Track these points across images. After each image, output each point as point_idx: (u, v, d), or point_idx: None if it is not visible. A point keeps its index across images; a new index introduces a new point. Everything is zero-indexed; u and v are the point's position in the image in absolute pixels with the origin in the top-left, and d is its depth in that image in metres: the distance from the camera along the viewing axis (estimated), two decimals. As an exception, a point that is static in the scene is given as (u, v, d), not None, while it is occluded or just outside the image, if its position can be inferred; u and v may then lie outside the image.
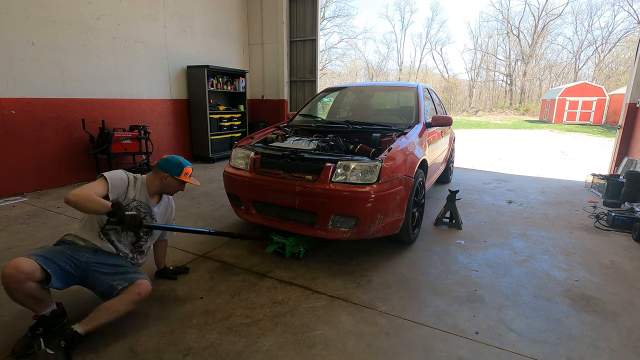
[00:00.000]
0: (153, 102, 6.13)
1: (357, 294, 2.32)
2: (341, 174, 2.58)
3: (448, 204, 3.58)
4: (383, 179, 2.54)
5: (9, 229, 3.34)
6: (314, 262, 2.75)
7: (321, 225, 2.61)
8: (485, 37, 37.78)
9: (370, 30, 57.55)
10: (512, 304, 2.24)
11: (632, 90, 5.31)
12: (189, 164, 2.19)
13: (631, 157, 5.27)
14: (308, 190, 2.58)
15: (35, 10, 4.40)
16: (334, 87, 4.69)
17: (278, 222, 2.83)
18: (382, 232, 2.69)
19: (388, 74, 39.14)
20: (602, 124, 21.44)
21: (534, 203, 4.52)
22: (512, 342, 1.88)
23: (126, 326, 1.92)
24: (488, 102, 36.33)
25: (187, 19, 6.56)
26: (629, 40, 28.37)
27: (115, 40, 5.38)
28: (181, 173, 2.12)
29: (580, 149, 10.66)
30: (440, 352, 1.80)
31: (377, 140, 3.09)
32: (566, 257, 2.96)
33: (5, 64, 4.20)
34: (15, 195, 4.41)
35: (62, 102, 4.79)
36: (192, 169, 2.19)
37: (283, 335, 1.91)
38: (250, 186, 2.89)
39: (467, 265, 2.77)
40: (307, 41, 7.80)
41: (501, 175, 6.34)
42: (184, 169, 2.14)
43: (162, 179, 2.11)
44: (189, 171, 2.17)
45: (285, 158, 2.77)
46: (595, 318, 2.11)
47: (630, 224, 3.51)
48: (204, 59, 6.93)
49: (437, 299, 2.27)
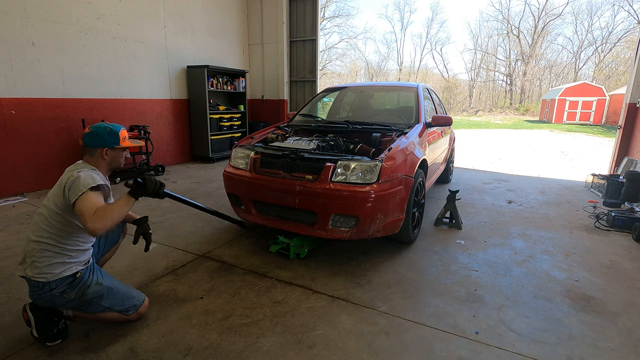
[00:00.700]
0: (153, 102, 6.13)
1: (357, 294, 2.32)
2: (341, 173, 2.58)
3: (448, 204, 3.57)
4: (383, 179, 2.54)
5: (9, 229, 3.34)
6: (314, 262, 2.75)
7: (321, 225, 2.61)
8: (485, 37, 37.84)
9: (370, 30, 57.63)
10: (512, 304, 2.24)
11: (632, 90, 5.30)
12: (120, 126, 1.90)
13: (631, 157, 5.26)
14: (308, 190, 2.57)
15: (35, 10, 4.40)
16: (334, 87, 4.70)
17: (278, 222, 2.83)
18: (382, 232, 2.69)
19: (388, 74, 39.16)
20: (602, 124, 21.44)
21: (534, 203, 4.52)
22: (512, 342, 1.88)
23: (126, 326, 1.92)
24: (488, 102, 36.33)
25: (187, 18, 6.56)
26: (629, 40, 28.37)
27: (115, 40, 5.38)
28: (119, 140, 1.84)
29: (580, 149, 10.66)
30: (440, 352, 1.80)
31: (377, 140, 3.09)
32: (566, 257, 2.96)
33: (5, 64, 4.20)
34: (15, 195, 4.41)
35: (62, 102, 4.79)
36: (126, 130, 1.93)
37: (283, 335, 1.91)
38: (250, 186, 2.89)
39: (467, 265, 2.77)
40: (307, 41, 7.80)
41: (501, 175, 6.34)
42: (119, 133, 1.85)
43: (103, 156, 1.81)
44: (125, 134, 1.89)
45: (285, 158, 2.77)
46: (595, 318, 2.11)
47: (630, 224, 3.51)
48: (204, 59, 6.93)
49: (437, 299, 2.27)
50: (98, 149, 1.80)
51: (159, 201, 4.28)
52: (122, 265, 2.64)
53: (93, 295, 1.77)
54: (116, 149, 1.85)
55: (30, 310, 1.75)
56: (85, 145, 1.81)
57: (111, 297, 1.83)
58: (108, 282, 1.85)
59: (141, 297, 1.99)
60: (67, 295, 1.72)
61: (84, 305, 1.78)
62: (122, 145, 1.86)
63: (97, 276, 1.82)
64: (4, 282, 2.37)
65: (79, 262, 1.77)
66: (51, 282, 1.68)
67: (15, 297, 2.19)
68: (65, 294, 1.72)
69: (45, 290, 1.69)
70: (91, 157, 1.81)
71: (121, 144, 1.85)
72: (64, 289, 1.71)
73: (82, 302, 1.76)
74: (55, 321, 1.79)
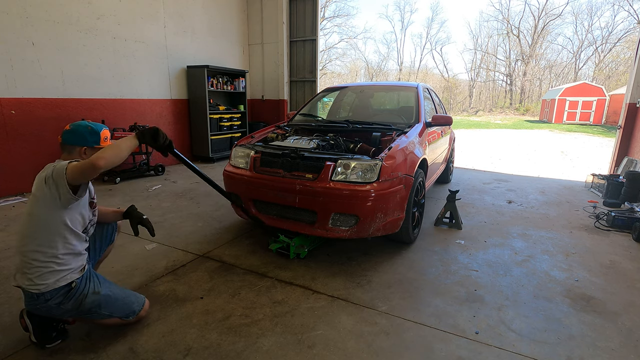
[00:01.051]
0: (153, 102, 6.13)
1: (357, 294, 2.32)
2: (341, 172, 2.58)
3: (448, 204, 3.57)
4: (383, 178, 2.54)
5: (9, 229, 3.34)
6: (314, 262, 2.75)
7: (321, 224, 2.61)
8: (485, 37, 37.83)
9: (370, 30, 57.65)
10: (512, 304, 2.24)
11: (632, 90, 5.30)
12: (102, 125, 1.83)
13: (631, 157, 5.26)
14: (308, 189, 2.57)
15: (35, 10, 4.40)
16: (334, 86, 4.71)
17: (278, 221, 2.82)
18: (383, 231, 2.69)
19: (388, 74, 39.16)
20: (602, 124, 21.44)
21: (534, 203, 4.52)
22: (512, 342, 1.88)
23: (126, 326, 1.92)
24: (488, 102, 36.33)
25: (187, 18, 6.56)
26: (629, 40, 28.38)
27: (115, 40, 5.38)
28: (100, 140, 1.76)
29: (580, 149, 10.66)
30: (440, 352, 1.80)
31: (377, 140, 3.09)
32: (566, 257, 2.96)
33: (5, 64, 4.20)
34: (15, 195, 4.41)
35: (62, 102, 4.79)
36: (108, 131, 1.86)
37: (283, 335, 1.91)
38: (250, 185, 2.88)
39: (467, 265, 2.77)
40: (307, 41, 7.80)
41: (501, 175, 6.34)
42: (101, 133, 1.77)
43: (82, 155, 1.72)
44: (107, 134, 1.82)
45: (285, 157, 2.76)
46: (595, 318, 2.11)
47: (630, 224, 3.51)
48: (204, 59, 6.93)
49: (437, 299, 2.27)
50: (77, 147, 1.72)
51: (159, 201, 4.28)
52: (122, 265, 2.64)
53: (91, 305, 1.72)
54: (96, 148, 1.75)
55: (28, 317, 1.72)
56: (64, 143, 1.71)
57: (110, 305, 1.78)
58: (106, 290, 1.78)
59: (141, 300, 1.95)
60: (64, 306, 1.67)
61: (82, 314, 1.74)
62: (102, 146, 1.76)
63: (94, 284, 1.75)
64: (4, 282, 2.37)
65: (71, 269, 1.68)
66: (45, 293, 1.61)
67: (16, 297, 2.19)
68: (62, 305, 1.66)
69: (40, 301, 1.63)
70: (69, 154, 1.72)
71: (101, 144, 1.77)
72: (59, 300, 1.64)
73: (81, 311, 1.72)
74: (54, 325, 1.77)
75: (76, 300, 1.69)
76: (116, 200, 4.28)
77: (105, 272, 2.28)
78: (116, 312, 1.82)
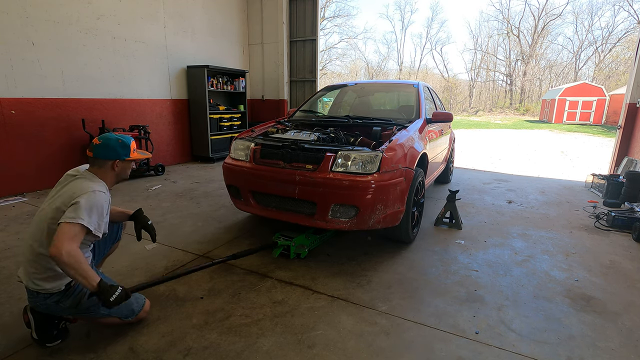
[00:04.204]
0: (153, 102, 6.13)
1: (357, 294, 2.32)
2: (342, 164, 2.56)
3: (448, 204, 3.57)
4: (384, 169, 2.52)
5: (9, 229, 3.34)
6: (314, 262, 2.75)
7: (321, 215, 2.59)
8: (485, 37, 37.82)
9: (370, 30, 57.61)
10: (512, 304, 2.24)
11: (632, 90, 5.30)
12: (130, 137, 1.89)
13: (631, 157, 5.26)
14: (308, 180, 2.56)
15: (35, 10, 4.40)
16: (335, 84, 4.72)
17: (277, 213, 2.81)
18: (383, 224, 2.67)
19: (388, 74, 39.15)
20: (602, 124, 21.44)
21: (534, 203, 4.52)
22: (512, 342, 1.88)
23: (126, 326, 1.92)
24: (488, 102, 36.32)
25: (187, 19, 6.56)
26: (629, 40, 28.37)
27: (115, 40, 5.38)
28: (130, 152, 1.84)
29: (580, 149, 10.66)
30: (440, 352, 1.80)
31: (377, 134, 3.07)
32: (566, 257, 2.96)
33: (5, 64, 4.20)
34: (15, 195, 4.41)
35: (62, 102, 4.79)
36: (134, 142, 1.94)
37: (283, 335, 1.91)
38: (250, 176, 2.87)
39: (467, 265, 2.77)
40: (307, 41, 7.80)
41: (501, 175, 6.34)
42: (130, 144, 1.85)
43: (114, 168, 1.80)
44: (135, 146, 1.90)
45: (285, 148, 2.75)
46: (595, 318, 2.11)
47: (630, 224, 3.51)
48: (204, 59, 6.92)
49: (437, 299, 2.27)
50: (109, 161, 1.78)
51: (159, 201, 4.28)
52: (122, 265, 2.64)
53: (89, 304, 1.73)
54: (127, 160, 1.84)
55: (31, 312, 1.75)
56: (96, 157, 1.76)
57: None
58: None
59: (141, 301, 1.95)
60: (62, 304, 1.70)
61: (81, 312, 1.76)
62: (132, 157, 1.85)
63: None
64: (4, 282, 2.37)
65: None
66: (44, 293, 1.66)
67: (16, 297, 2.19)
68: (60, 303, 1.69)
69: (39, 298, 1.67)
70: (100, 168, 1.78)
71: (131, 156, 1.84)
72: (58, 298, 1.68)
73: (79, 310, 1.74)
74: (55, 323, 1.78)
75: (74, 299, 1.71)
76: (116, 200, 4.28)
77: (105, 272, 2.27)
78: (115, 312, 1.82)
